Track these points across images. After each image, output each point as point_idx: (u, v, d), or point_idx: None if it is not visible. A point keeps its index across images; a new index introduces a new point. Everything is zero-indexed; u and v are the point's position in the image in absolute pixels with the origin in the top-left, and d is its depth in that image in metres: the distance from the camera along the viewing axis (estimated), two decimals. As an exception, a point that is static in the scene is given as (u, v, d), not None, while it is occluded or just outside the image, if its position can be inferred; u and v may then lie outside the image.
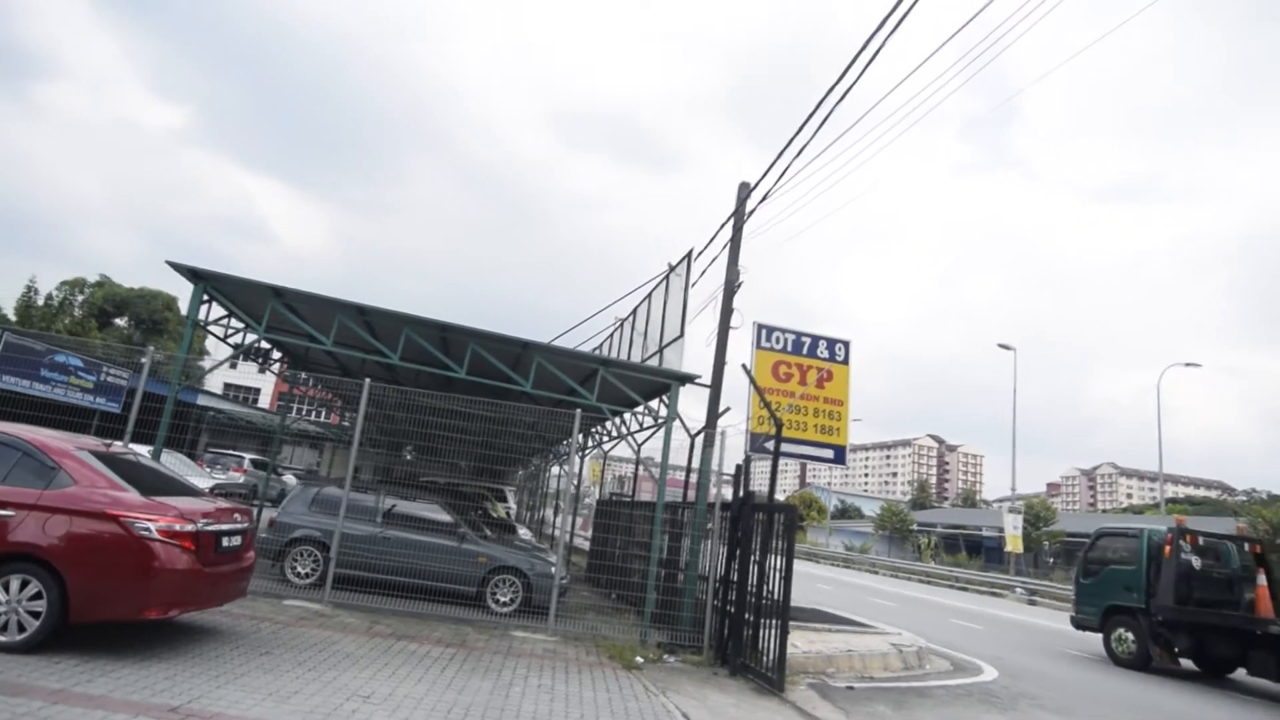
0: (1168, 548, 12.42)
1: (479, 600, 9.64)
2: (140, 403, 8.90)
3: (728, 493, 9.60)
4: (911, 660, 10.23)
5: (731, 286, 10.77)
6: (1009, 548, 27.61)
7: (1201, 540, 12.90)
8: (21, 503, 5.21)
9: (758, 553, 8.22)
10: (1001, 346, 27.12)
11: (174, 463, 13.27)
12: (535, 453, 23.64)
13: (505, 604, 9.71)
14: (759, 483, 12.16)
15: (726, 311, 10.72)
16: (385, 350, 9.55)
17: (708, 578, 9.23)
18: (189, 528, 5.53)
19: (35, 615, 5.08)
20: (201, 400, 31.68)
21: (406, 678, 6.04)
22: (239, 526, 6.25)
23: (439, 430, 10.04)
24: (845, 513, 76.09)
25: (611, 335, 17.88)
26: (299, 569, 9.48)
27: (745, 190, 11.06)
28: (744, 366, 9.88)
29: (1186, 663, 12.40)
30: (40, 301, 32.87)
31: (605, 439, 17.04)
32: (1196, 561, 12.47)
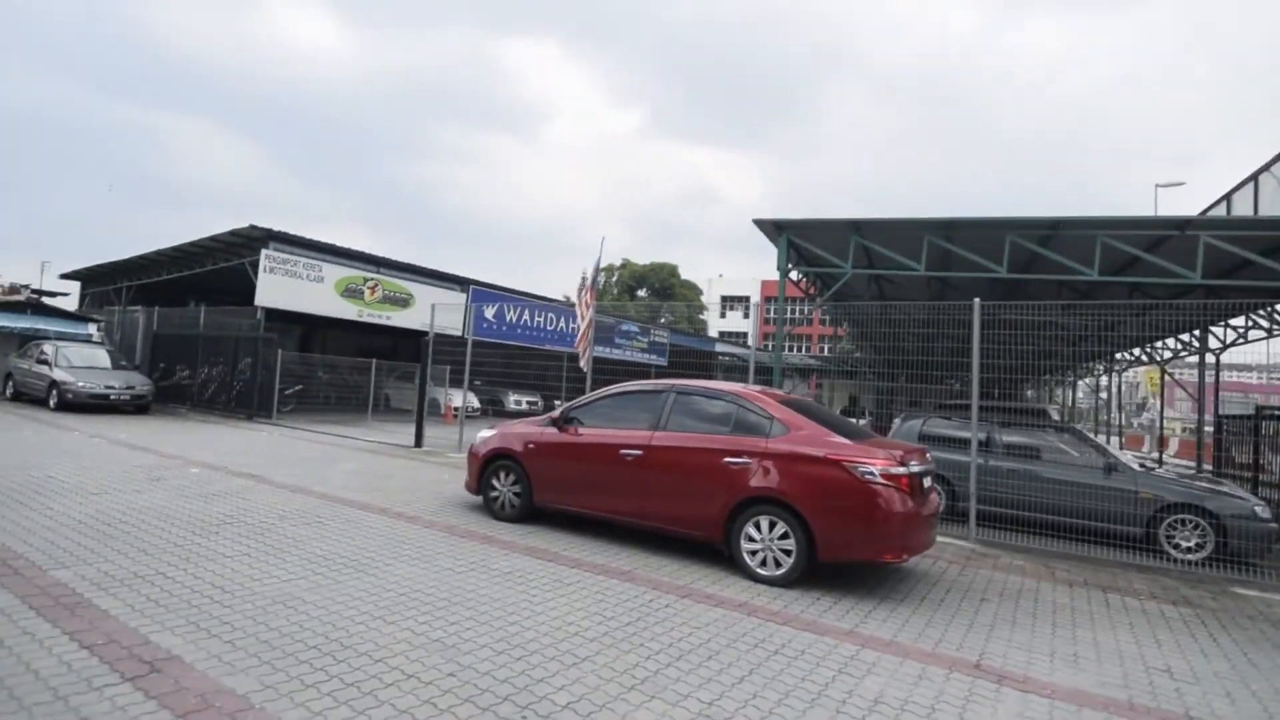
0: None
1: (1148, 544, 8.05)
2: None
3: None
4: None
5: None
6: None
7: None
8: (753, 451, 5.70)
9: None
10: None
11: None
12: (1093, 357, 20.30)
13: (1189, 550, 7.90)
14: None
15: None
16: (987, 263, 8.52)
17: None
18: (902, 470, 5.39)
19: (787, 553, 5.51)
20: (718, 348, 36.15)
21: (1176, 646, 4.96)
22: (930, 468, 5.99)
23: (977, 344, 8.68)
24: None
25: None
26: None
27: None
28: None
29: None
30: (590, 286, 42.05)
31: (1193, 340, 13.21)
32: None
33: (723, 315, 65.49)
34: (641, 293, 52.04)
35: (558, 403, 24.47)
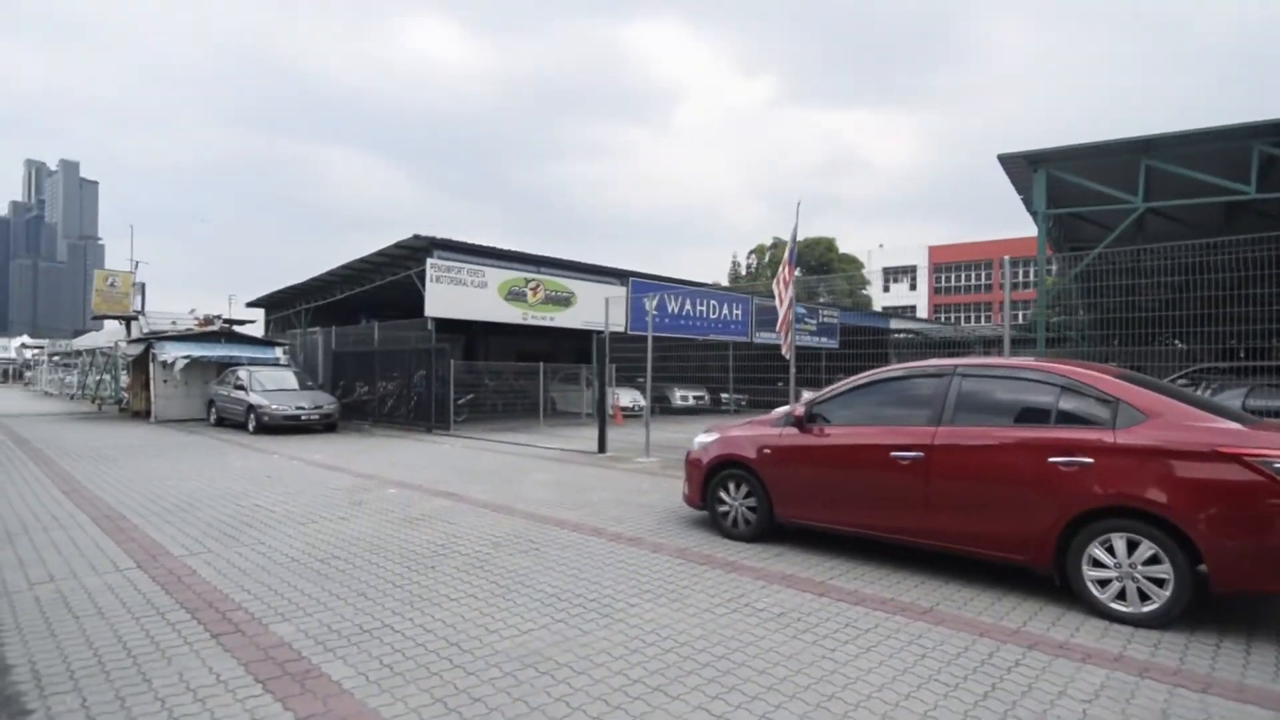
0: None
1: None
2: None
3: None
4: None
5: None
6: None
7: None
8: (1094, 447, 4.38)
9: None
10: None
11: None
12: None
13: None
14: None
15: None
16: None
17: None
18: (1341, 464, 3.87)
19: (1157, 583, 4.16)
20: (893, 324, 33.74)
21: None
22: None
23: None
24: None
25: None
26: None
27: None
28: None
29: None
30: (742, 271, 40.96)
31: None
32: None
33: (886, 289, 61.83)
34: (797, 271, 49.68)
35: (724, 396, 23.60)
